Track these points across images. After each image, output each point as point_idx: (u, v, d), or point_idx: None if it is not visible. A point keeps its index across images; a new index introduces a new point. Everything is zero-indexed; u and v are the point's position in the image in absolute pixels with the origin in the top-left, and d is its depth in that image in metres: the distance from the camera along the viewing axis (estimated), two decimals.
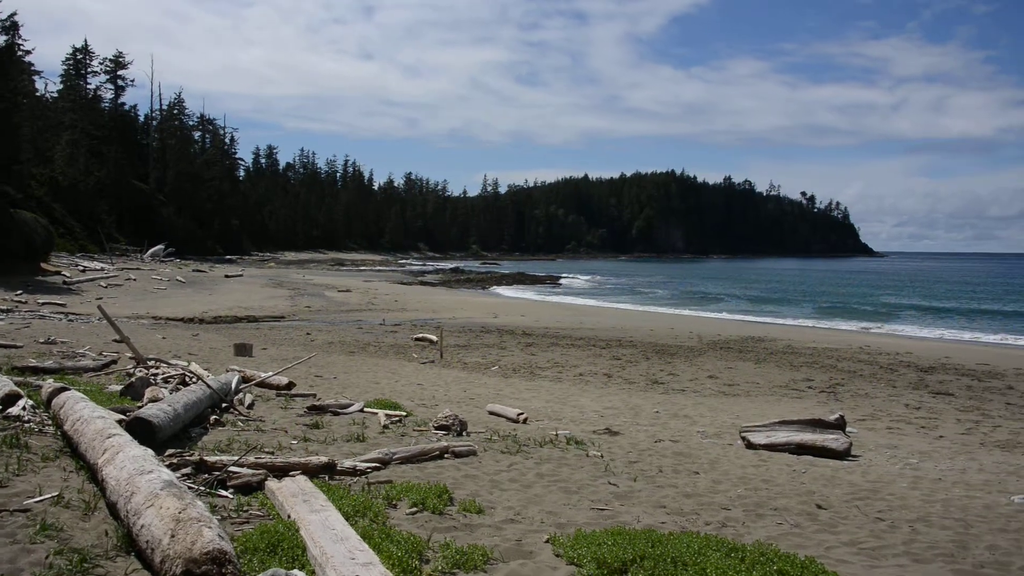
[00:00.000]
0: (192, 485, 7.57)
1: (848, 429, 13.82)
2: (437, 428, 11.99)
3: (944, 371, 24.94)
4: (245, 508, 7.25)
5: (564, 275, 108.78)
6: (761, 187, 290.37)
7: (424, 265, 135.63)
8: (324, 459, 8.74)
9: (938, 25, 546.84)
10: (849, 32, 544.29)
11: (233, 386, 13.19)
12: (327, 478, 8.57)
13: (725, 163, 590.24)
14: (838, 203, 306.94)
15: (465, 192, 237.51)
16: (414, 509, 7.67)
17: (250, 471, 8.08)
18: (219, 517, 6.65)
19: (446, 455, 10.17)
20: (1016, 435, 15.67)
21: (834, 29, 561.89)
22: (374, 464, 9.27)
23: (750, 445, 12.74)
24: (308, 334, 29.58)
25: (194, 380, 13.36)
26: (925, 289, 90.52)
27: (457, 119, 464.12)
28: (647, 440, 12.88)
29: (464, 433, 11.99)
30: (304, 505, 6.82)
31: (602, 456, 11.04)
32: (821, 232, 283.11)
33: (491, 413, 14.50)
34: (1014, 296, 77.24)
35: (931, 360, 27.53)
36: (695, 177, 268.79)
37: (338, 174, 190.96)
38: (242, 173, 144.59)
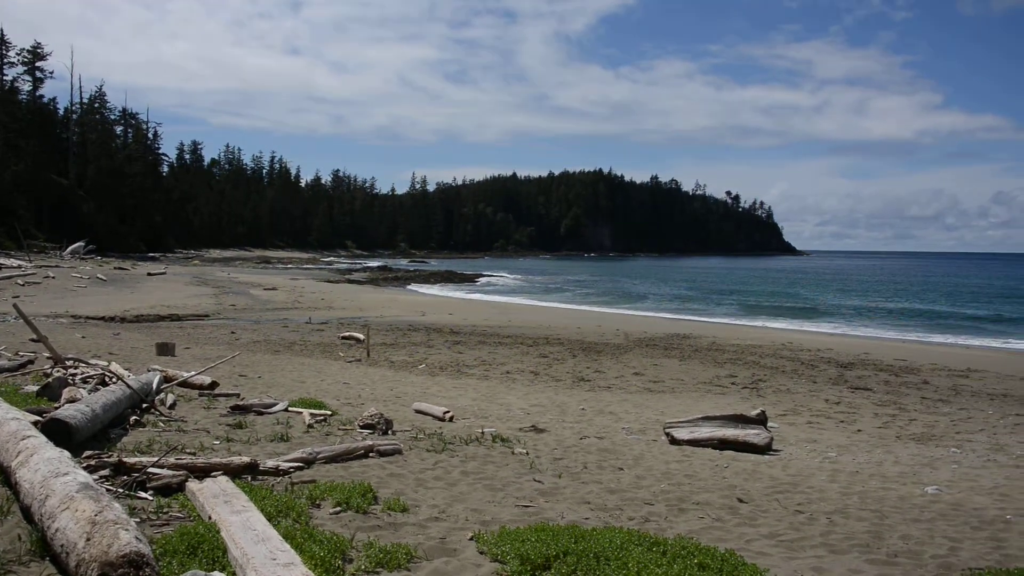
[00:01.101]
0: (110, 487, 7.42)
1: (769, 424, 14.06)
2: (362, 427, 11.94)
3: (863, 367, 25.53)
4: (165, 510, 7.14)
5: (492, 273, 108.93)
6: (687, 186, 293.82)
7: (352, 263, 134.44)
8: (246, 459, 8.65)
9: (859, 29, 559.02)
10: (773, 35, 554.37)
11: (154, 386, 12.99)
12: (250, 479, 8.48)
13: (652, 162, 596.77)
14: (762, 202, 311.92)
15: (393, 190, 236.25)
16: (338, 508, 7.63)
17: (170, 472, 7.96)
18: (138, 519, 6.55)
19: (371, 454, 10.13)
20: (930, 428, 16.10)
21: (759, 32, 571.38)
22: (298, 464, 9.20)
23: (674, 441, 12.90)
24: (233, 333, 29.19)
25: (114, 380, 13.11)
26: (846, 287, 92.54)
27: (385, 116, 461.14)
28: (573, 437, 12.97)
29: (390, 432, 11.95)
30: (225, 506, 6.73)
31: (527, 453, 11.10)
32: (746, 231, 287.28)
33: (417, 411, 14.46)
34: (931, 294, 79.40)
35: (851, 356, 28.16)
36: (622, 176, 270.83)
37: (264, 171, 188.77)
38: (166, 169, 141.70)
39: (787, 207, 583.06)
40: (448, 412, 13.94)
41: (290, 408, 13.22)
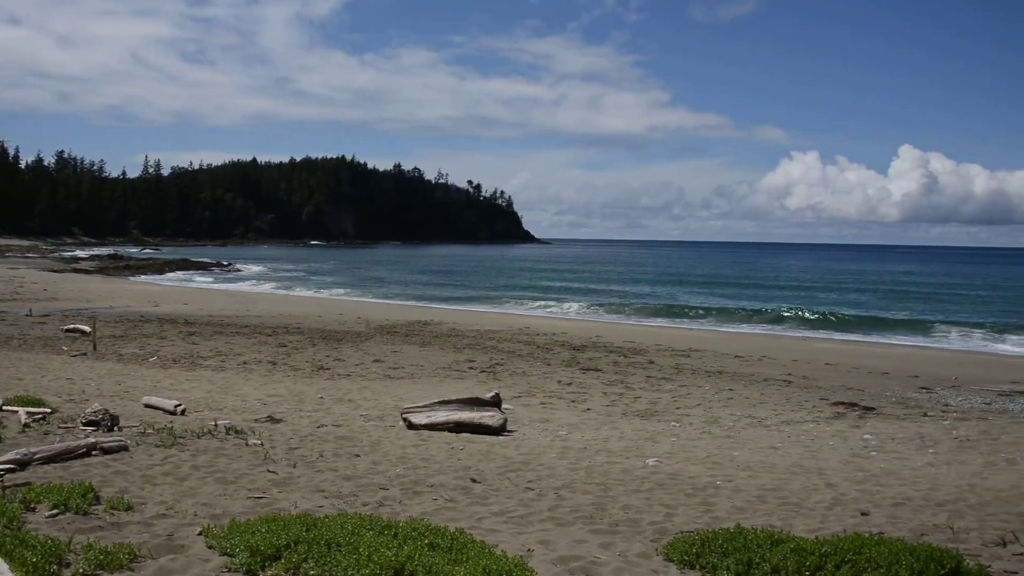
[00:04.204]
0: None
1: (504, 406, 14.51)
2: (86, 424, 11.34)
3: (594, 349, 26.76)
4: None
5: (232, 261, 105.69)
6: (430, 175, 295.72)
7: (79, 251, 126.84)
8: None
9: (595, 28, 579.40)
10: (515, 29, 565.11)
11: None
12: None
13: (396, 150, 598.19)
14: (503, 192, 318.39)
15: (124, 173, 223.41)
16: (55, 511, 7.24)
17: None
18: None
19: (94, 452, 9.64)
20: (654, 404, 17.12)
21: (501, 25, 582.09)
22: (10, 466, 8.65)
23: (411, 426, 13.06)
24: None
25: None
26: (583, 273, 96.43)
27: (116, 95, 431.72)
28: (310, 426, 12.88)
29: (116, 428, 11.43)
30: None
31: (262, 444, 10.93)
32: (487, 219, 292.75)
33: (147, 406, 13.88)
34: (661, 280, 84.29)
35: (583, 339, 29.42)
36: (366, 164, 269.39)
37: None
38: None
39: (527, 197, 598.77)
40: (180, 405, 13.47)
41: (4, 407, 12.34)
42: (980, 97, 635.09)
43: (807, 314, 45.45)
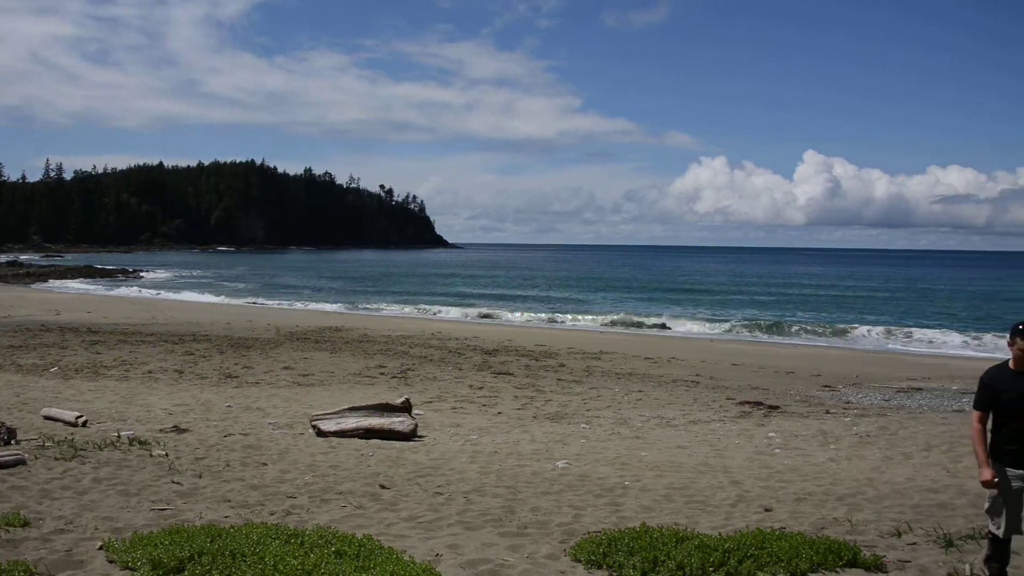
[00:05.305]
0: None
1: (415, 411, 14.48)
2: None
3: (506, 353, 26.85)
4: None
5: (138, 268, 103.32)
6: (342, 179, 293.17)
7: None
8: None
9: (507, 34, 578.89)
10: (427, 34, 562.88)
11: None
12: None
13: (306, 154, 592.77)
14: (415, 196, 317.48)
15: (24, 177, 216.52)
16: None
17: None
18: None
19: None
20: (564, 407, 17.24)
21: (413, 29, 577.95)
22: None
23: (321, 433, 12.94)
24: None
25: None
26: (495, 278, 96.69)
27: (15, 96, 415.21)
28: (217, 435, 12.67)
29: (13, 441, 11.09)
30: None
31: (167, 455, 10.74)
32: (399, 224, 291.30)
33: (47, 418, 13.49)
34: (573, 284, 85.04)
35: (495, 343, 29.50)
36: (276, 168, 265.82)
37: None
38: None
39: (440, 201, 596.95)
40: (81, 416, 13.14)
41: None
42: (881, 102, 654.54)
43: (716, 316, 46.27)
